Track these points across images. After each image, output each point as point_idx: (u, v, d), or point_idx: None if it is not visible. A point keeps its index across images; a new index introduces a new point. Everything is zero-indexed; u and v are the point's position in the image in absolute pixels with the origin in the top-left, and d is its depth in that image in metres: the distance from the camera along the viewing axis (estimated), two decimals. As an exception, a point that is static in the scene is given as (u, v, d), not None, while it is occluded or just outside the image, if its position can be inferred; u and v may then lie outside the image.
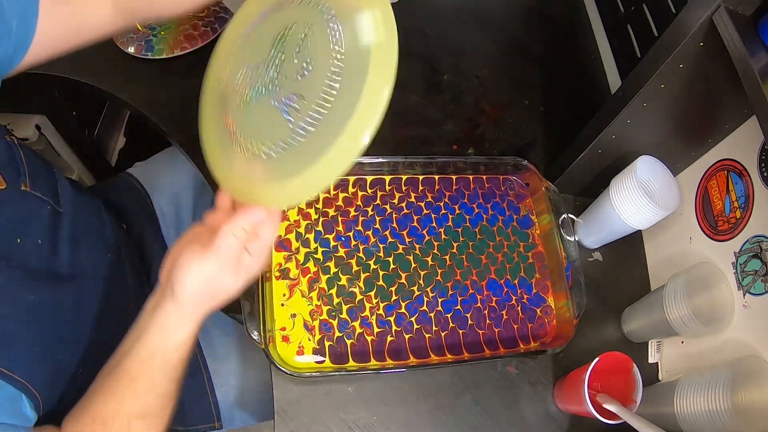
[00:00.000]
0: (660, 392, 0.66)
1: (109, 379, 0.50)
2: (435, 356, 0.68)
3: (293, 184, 0.45)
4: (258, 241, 0.48)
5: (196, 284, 0.47)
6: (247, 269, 0.49)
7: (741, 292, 0.63)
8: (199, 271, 0.46)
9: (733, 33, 0.49)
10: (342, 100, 0.43)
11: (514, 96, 0.97)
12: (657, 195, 0.71)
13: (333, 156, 0.44)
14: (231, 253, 0.47)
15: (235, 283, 0.49)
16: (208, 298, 0.49)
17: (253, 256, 0.48)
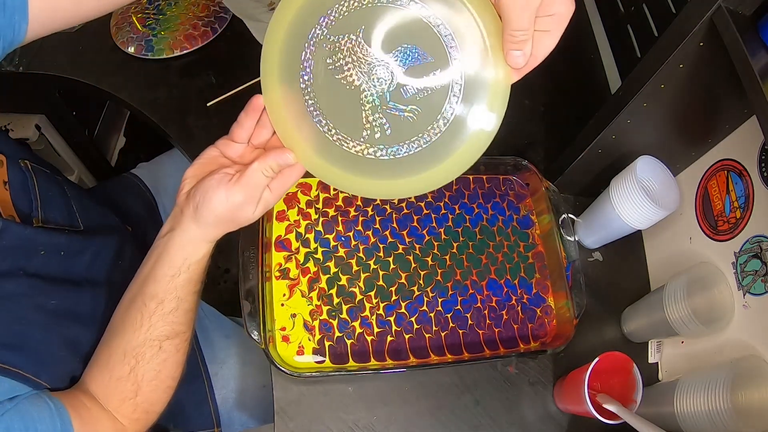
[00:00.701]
0: (660, 392, 0.66)
1: (131, 311, 0.52)
2: (435, 356, 0.68)
3: (335, 172, 0.50)
4: (280, 180, 0.52)
5: (222, 211, 0.50)
6: (265, 202, 0.52)
7: (741, 292, 0.63)
8: (227, 200, 0.50)
9: (733, 33, 0.49)
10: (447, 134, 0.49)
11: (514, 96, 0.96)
12: (657, 195, 0.71)
13: (374, 177, 0.50)
14: (258, 189, 0.50)
15: (255, 213, 0.52)
16: (228, 223, 0.53)
17: (273, 193, 0.52)
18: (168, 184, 0.94)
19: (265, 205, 0.53)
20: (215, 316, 0.87)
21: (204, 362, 0.78)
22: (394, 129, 0.49)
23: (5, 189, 0.52)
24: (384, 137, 0.49)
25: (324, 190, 0.76)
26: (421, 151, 0.50)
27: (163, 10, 0.99)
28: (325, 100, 0.48)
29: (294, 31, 0.47)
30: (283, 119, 0.50)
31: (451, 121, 0.49)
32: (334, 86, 0.48)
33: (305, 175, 0.75)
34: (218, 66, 0.93)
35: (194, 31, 0.95)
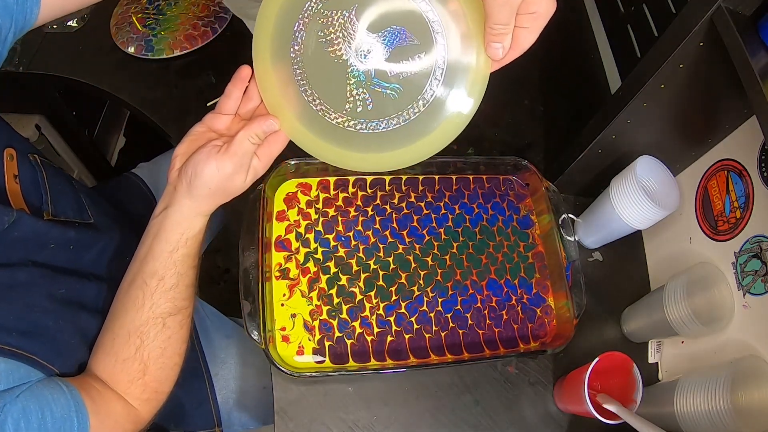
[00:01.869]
0: (660, 392, 0.66)
1: (132, 291, 0.52)
2: (435, 356, 0.68)
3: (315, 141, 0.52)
4: (266, 148, 0.53)
5: (214, 182, 0.51)
6: (254, 170, 0.53)
7: (741, 292, 0.63)
8: (218, 171, 0.50)
9: (733, 33, 0.49)
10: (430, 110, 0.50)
11: (514, 96, 0.97)
12: (657, 195, 0.71)
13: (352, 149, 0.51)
14: (247, 156, 0.51)
15: (245, 182, 0.53)
16: (221, 194, 0.53)
17: (261, 160, 0.53)
18: None
19: (254, 173, 0.54)
20: (216, 316, 0.87)
21: (205, 362, 0.78)
22: (376, 105, 0.51)
23: (16, 182, 0.52)
24: (366, 111, 0.51)
25: (324, 190, 0.76)
26: (400, 128, 0.52)
27: (163, 10, 0.99)
28: (313, 71, 0.50)
29: (290, 2, 0.48)
30: (270, 86, 0.51)
31: (430, 102, 0.51)
32: (322, 58, 0.49)
33: (305, 175, 0.76)
34: (218, 66, 0.93)
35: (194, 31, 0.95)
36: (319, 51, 0.49)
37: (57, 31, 0.97)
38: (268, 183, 0.71)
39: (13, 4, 0.46)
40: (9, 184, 0.51)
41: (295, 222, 0.73)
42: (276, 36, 0.49)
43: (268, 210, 0.71)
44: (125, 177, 0.92)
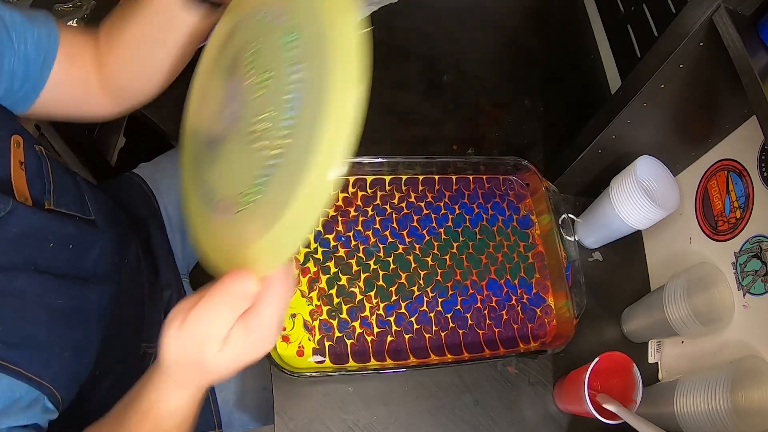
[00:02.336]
0: (660, 392, 0.66)
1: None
2: (435, 356, 0.68)
3: (273, 234, 0.35)
4: (254, 315, 0.39)
5: (175, 355, 0.41)
6: (236, 349, 0.39)
7: (741, 292, 0.63)
8: (177, 341, 0.40)
9: (733, 33, 0.49)
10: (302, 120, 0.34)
11: (514, 96, 0.97)
12: (657, 195, 0.71)
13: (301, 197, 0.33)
14: (211, 325, 0.39)
15: (217, 359, 0.39)
16: (195, 370, 0.42)
17: (247, 334, 0.39)
18: (169, 185, 0.93)
19: (235, 352, 0.40)
20: None
21: None
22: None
23: (21, 169, 0.50)
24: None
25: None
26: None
27: (163, 10, 0.98)
28: (225, 181, 0.41)
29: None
30: (215, 247, 0.43)
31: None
32: (219, 166, 0.42)
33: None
34: (218, 66, 0.93)
35: (194, 31, 0.95)
36: (216, 169, 0.42)
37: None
38: (268, 183, 0.71)
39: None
40: (14, 170, 0.49)
41: (295, 222, 0.73)
42: (197, 194, 0.43)
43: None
44: (126, 177, 0.92)
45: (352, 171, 0.77)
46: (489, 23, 1.06)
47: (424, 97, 0.94)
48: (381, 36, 1.00)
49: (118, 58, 0.57)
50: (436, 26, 1.03)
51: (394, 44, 1.00)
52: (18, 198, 0.49)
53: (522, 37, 1.05)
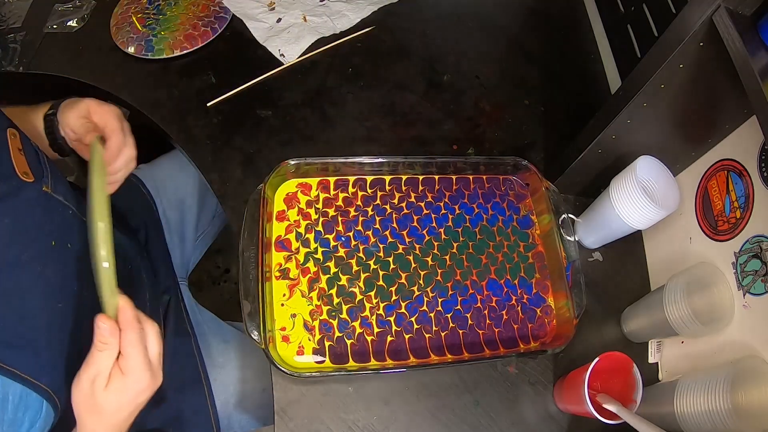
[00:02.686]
0: (660, 392, 0.66)
1: None
2: (435, 356, 0.68)
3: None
4: (122, 357, 0.48)
5: (76, 403, 0.47)
6: (119, 384, 0.48)
7: (741, 292, 0.63)
8: (75, 387, 0.47)
9: (733, 33, 0.49)
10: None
11: (514, 96, 0.97)
12: (657, 195, 0.71)
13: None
14: (93, 366, 0.47)
15: (107, 396, 0.47)
16: (93, 411, 0.48)
17: (124, 372, 0.48)
18: (168, 187, 0.93)
19: (119, 389, 0.48)
20: (214, 322, 0.87)
21: (204, 368, 0.78)
22: None
23: (21, 154, 0.53)
24: None
25: (324, 190, 0.76)
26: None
27: (163, 10, 0.99)
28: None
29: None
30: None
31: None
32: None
33: (305, 175, 0.76)
34: (218, 66, 0.93)
35: (194, 31, 0.95)
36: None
37: (57, 31, 0.97)
38: (268, 183, 0.71)
39: None
40: (15, 155, 0.52)
41: (295, 222, 0.73)
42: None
43: (268, 210, 0.71)
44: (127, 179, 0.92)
45: (352, 171, 0.77)
46: (489, 23, 1.06)
47: (424, 97, 0.94)
48: (381, 36, 1.00)
49: None
50: (436, 26, 1.04)
51: (394, 44, 1.00)
52: (20, 176, 0.51)
53: (522, 37, 1.05)
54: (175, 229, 0.92)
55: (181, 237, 0.94)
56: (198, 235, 0.99)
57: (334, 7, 1.02)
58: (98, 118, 0.61)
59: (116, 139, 0.59)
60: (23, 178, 0.51)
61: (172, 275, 0.86)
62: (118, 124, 0.60)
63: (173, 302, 0.82)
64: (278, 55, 0.94)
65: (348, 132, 0.88)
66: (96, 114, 0.61)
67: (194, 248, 0.98)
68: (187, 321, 0.82)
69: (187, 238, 0.95)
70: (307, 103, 0.90)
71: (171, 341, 0.78)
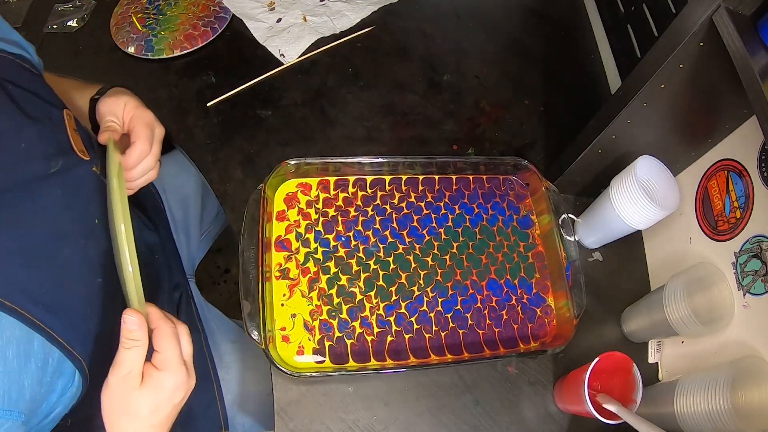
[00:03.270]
0: (660, 392, 0.66)
1: None
2: (435, 356, 0.68)
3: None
4: (155, 355, 0.46)
5: (107, 408, 0.45)
6: (154, 382, 0.45)
7: (741, 292, 0.63)
8: (105, 392, 0.45)
9: (733, 33, 0.49)
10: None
11: (514, 96, 0.97)
12: (657, 195, 0.71)
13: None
14: (123, 365, 0.45)
15: (141, 396, 0.45)
16: (125, 417, 0.46)
17: (159, 369, 0.46)
18: (172, 184, 0.94)
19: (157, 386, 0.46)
20: (221, 320, 0.87)
21: (213, 364, 0.78)
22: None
23: (76, 134, 0.54)
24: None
25: (324, 190, 0.76)
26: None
27: (163, 10, 0.99)
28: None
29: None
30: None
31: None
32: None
33: (305, 175, 0.76)
34: (218, 66, 0.93)
35: (194, 31, 0.95)
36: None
37: (57, 31, 0.97)
38: (268, 183, 0.71)
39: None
40: (72, 134, 0.53)
41: (295, 222, 0.73)
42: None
43: (268, 210, 0.71)
44: None
45: (352, 171, 0.77)
46: (489, 23, 1.06)
47: (424, 97, 0.94)
48: (381, 36, 1.00)
49: None
50: (436, 26, 1.04)
51: (394, 44, 1.00)
52: (78, 153, 0.52)
53: (522, 37, 1.05)
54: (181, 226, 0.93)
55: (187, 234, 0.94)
56: (202, 233, 0.99)
57: (334, 7, 1.02)
58: (128, 120, 0.59)
59: (139, 148, 0.57)
60: (80, 155, 0.52)
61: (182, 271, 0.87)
62: (145, 132, 0.58)
63: (184, 298, 0.82)
64: (278, 55, 0.94)
65: (348, 132, 0.88)
66: (128, 115, 0.59)
67: (198, 246, 0.98)
68: (197, 317, 0.83)
69: (192, 235, 0.96)
70: (307, 103, 0.90)
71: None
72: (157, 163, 0.61)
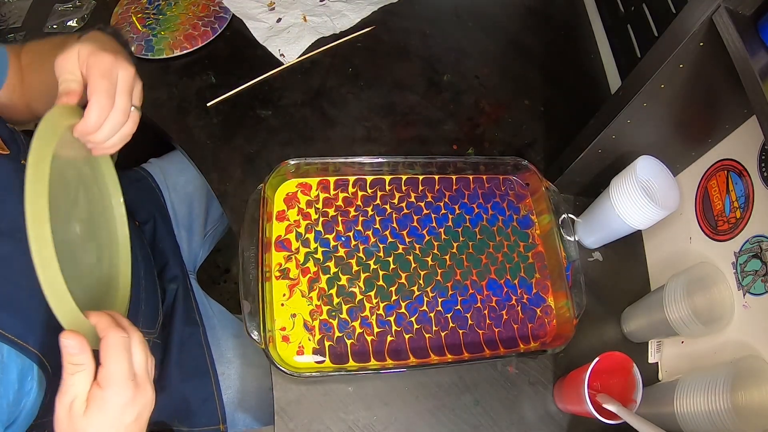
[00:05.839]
0: (660, 392, 0.66)
1: None
2: (435, 356, 0.68)
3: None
4: (100, 370, 0.41)
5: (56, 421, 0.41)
6: (99, 403, 0.40)
7: (741, 292, 0.63)
8: (55, 421, 0.41)
9: (733, 33, 0.49)
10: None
11: (514, 96, 0.97)
12: (657, 195, 0.71)
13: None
14: (68, 392, 0.40)
15: (88, 421, 0.40)
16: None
17: (103, 388, 0.41)
18: (178, 180, 0.94)
19: (100, 407, 0.41)
20: (223, 315, 0.87)
21: (211, 359, 0.78)
22: None
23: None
24: None
25: (324, 190, 0.76)
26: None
27: (163, 10, 0.99)
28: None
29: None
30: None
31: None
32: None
33: (305, 175, 0.76)
34: (218, 66, 0.93)
35: (194, 31, 0.95)
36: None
37: (57, 31, 0.97)
38: (268, 183, 0.71)
39: None
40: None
41: (295, 222, 0.73)
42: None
43: (268, 210, 0.71)
44: (135, 171, 0.93)
45: (352, 171, 0.77)
46: (489, 23, 1.06)
47: (424, 97, 0.94)
48: (381, 36, 1.00)
49: (32, 90, 0.62)
50: (436, 26, 1.04)
51: (394, 44, 1.00)
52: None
53: (522, 37, 1.05)
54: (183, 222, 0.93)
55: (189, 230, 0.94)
56: (207, 231, 1.00)
57: (334, 7, 1.02)
58: (85, 73, 0.48)
59: (96, 105, 0.47)
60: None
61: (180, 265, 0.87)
62: (102, 84, 0.47)
63: (181, 291, 0.82)
64: (278, 55, 0.94)
65: (348, 132, 0.88)
66: (83, 67, 0.48)
67: (202, 244, 0.99)
68: (196, 311, 0.83)
69: (195, 231, 0.96)
70: (307, 103, 0.90)
71: (180, 330, 0.78)
72: (133, 113, 0.51)
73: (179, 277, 0.84)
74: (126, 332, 0.42)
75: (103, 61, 0.48)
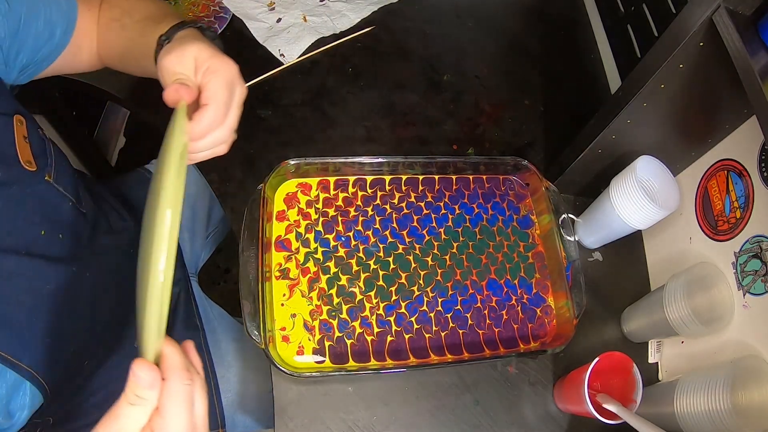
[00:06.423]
0: (660, 392, 0.66)
1: None
2: (435, 356, 0.68)
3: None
4: (157, 415, 0.35)
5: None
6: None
7: (741, 292, 0.63)
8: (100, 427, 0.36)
9: (733, 33, 0.49)
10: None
11: (514, 96, 0.97)
12: (657, 195, 0.71)
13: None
14: (121, 424, 0.35)
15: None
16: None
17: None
18: None
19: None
20: (223, 318, 0.87)
21: (211, 362, 0.78)
22: None
23: (26, 142, 0.51)
24: None
25: (324, 190, 0.76)
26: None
27: (163, 10, 0.99)
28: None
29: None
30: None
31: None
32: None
33: (305, 175, 0.76)
34: (218, 66, 0.93)
35: (194, 31, 0.95)
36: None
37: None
38: (268, 183, 0.71)
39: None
40: (19, 142, 0.49)
41: (295, 222, 0.73)
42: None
43: (268, 210, 0.71)
44: (137, 172, 0.93)
45: (352, 171, 0.77)
46: (489, 23, 1.06)
47: (424, 97, 0.94)
48: (381, 36, 1.00)
49: (107, 51, 0.61)
50: (436, 26, 1.04)
51: (394, 44, 1.00)
52: (23, 165, 0.49)
53: (522, 37, 1.05)
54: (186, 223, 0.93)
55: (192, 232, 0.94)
56: (209, 233, 1.00)
57: (334, 7, 1.02)
58: (201, 77, 0.45)
59: (211, 113, 0.45)
60: (26, 167, 0.50)
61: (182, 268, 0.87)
62: (222, 94, 0.45)
63: (183, 295, 0.82)
64: (278, 55, 0.94)
65: (348, 132, 0.88)
66: (200, 70, 0.45)
67: (204, 245, 0.99)
68: (197, 315, 0.82)
69: (197, 234, 0.96)
70: (307, 103, 0.90)
71: (180, 334, 0.78)
72: (232, 136, 0.48)
73: (181, 280, 0.84)
74: (190, 377, 0.37)
75: (229, 70, 0.46)
